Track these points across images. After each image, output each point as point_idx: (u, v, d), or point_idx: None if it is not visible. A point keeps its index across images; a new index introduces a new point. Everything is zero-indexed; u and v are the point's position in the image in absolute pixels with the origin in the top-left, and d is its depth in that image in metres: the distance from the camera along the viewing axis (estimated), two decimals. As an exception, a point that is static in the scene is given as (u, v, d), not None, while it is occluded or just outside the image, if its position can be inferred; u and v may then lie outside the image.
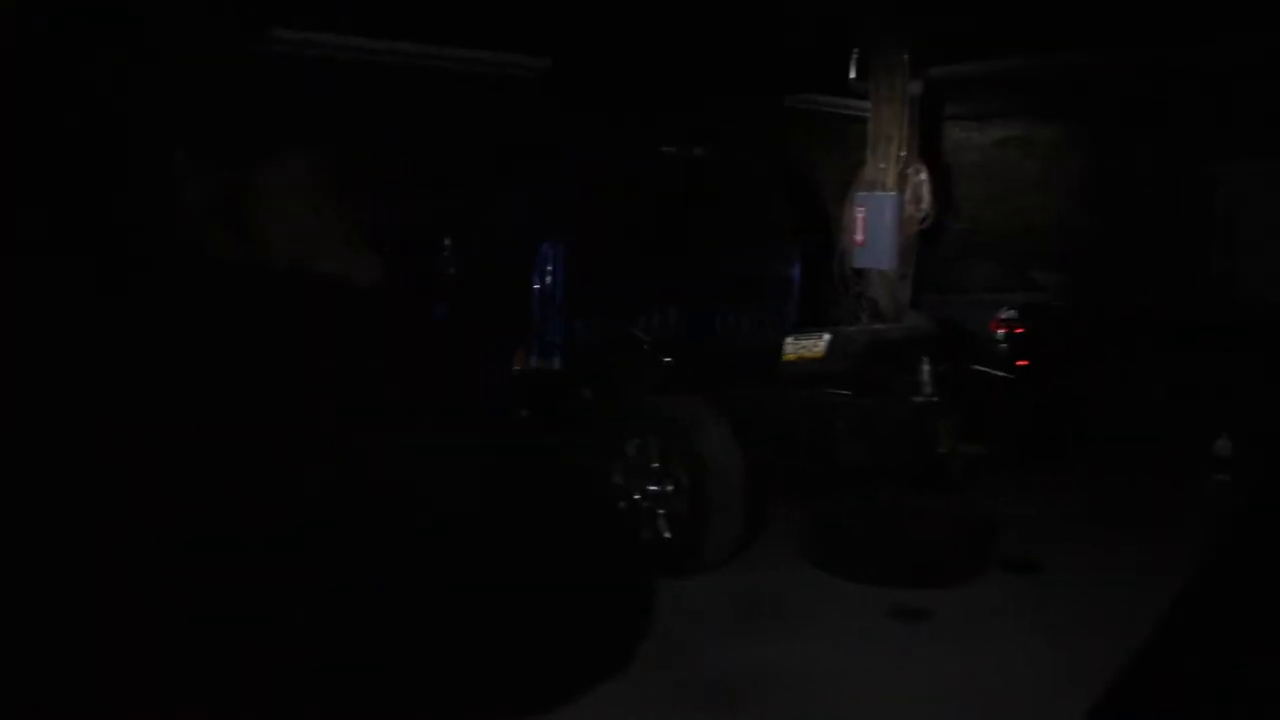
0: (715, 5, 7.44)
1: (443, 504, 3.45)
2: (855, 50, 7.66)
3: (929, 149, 7.86)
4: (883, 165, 7.52)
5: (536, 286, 5.66)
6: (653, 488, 4.94)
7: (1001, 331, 7.65)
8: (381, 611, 2.97)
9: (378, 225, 5.90)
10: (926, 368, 5.28)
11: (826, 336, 5.57)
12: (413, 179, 6.43)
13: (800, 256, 6.73)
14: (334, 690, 2.77)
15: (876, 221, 7.47)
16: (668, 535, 4.85)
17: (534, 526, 3.90)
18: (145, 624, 2.63)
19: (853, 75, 7.82)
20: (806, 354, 5.58)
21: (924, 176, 7.55)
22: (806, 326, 6.02)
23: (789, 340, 5.55)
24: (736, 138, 7.95)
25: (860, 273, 7.62)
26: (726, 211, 6.57)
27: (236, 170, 4.82)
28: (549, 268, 5.67)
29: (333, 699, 2.75)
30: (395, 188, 6.24)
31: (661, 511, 4.89)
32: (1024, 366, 7.31)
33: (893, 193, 7.45)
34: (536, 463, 5.03)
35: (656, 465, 4.92)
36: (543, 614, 3.33)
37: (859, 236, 7.53)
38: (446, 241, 5.90)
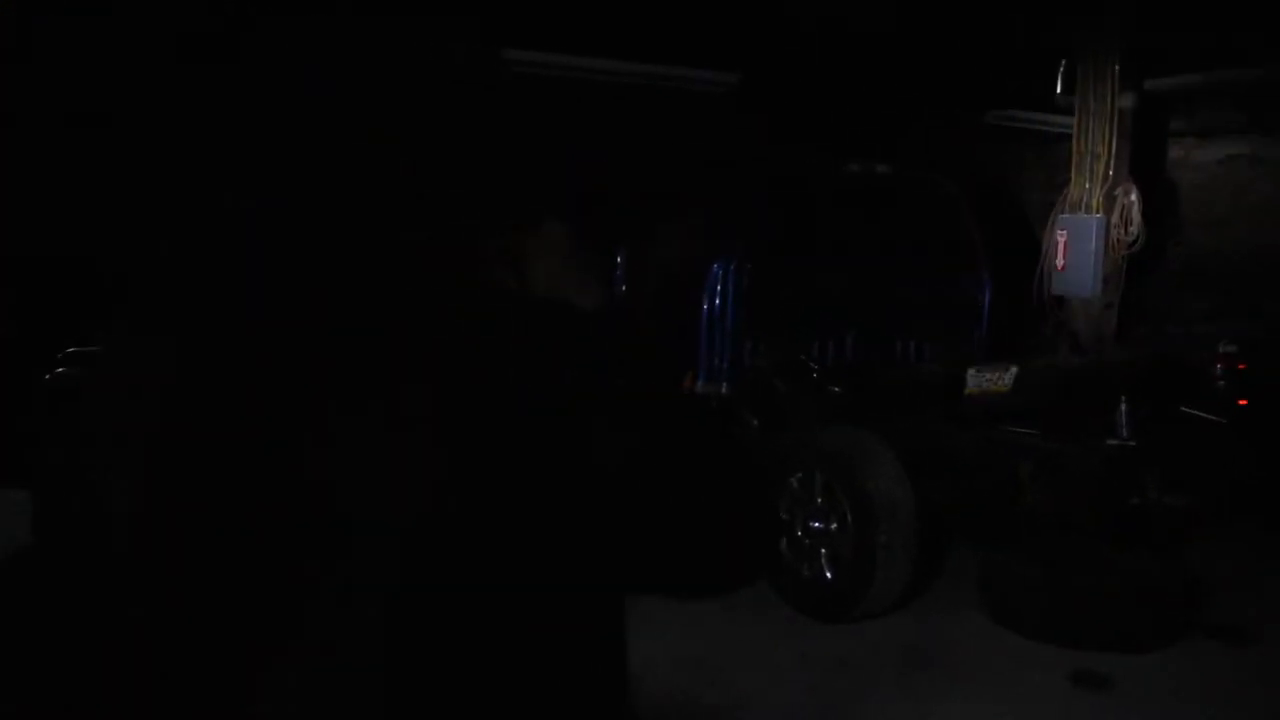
0: (912, 17, 7.11)
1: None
2: (1062, 63, 7.17)
3: (1142, 168, 7.25)
4: (1088, 185, 7.01)
5: (705, 307, 5.50)
6: (816, 525, 4.69)
7: (1220, 367, 6.98)
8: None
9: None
10: (1124, 408, 4.83)
11: (1013, 369, 5.19)
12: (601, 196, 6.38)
13: (991, 282, 6.32)
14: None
15: (1079, 245, 6.96)
16: (829, 575, 4.59)
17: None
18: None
19: (1059, 90, 7.33)
20: (991, 388, 5.21)
21: (1134, 198, 6.99)
22: (993, 357, 5.63)
23: (972, 372, 5.19)
24: (928, 155, 7.56)
25: (1061, 300, 7.12)
26: (910, 233, 6.23)
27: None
28: (719, 288, 5.50)
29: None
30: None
31: (824, 550, 4.63)
32: (1244, 407, 6.63)
33: (1098, 215, 6.93)
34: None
35: (820, 501, 4.67)
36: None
37: (1060, 261, 7.04)
38: (619, 259, 5.82)
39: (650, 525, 1.02)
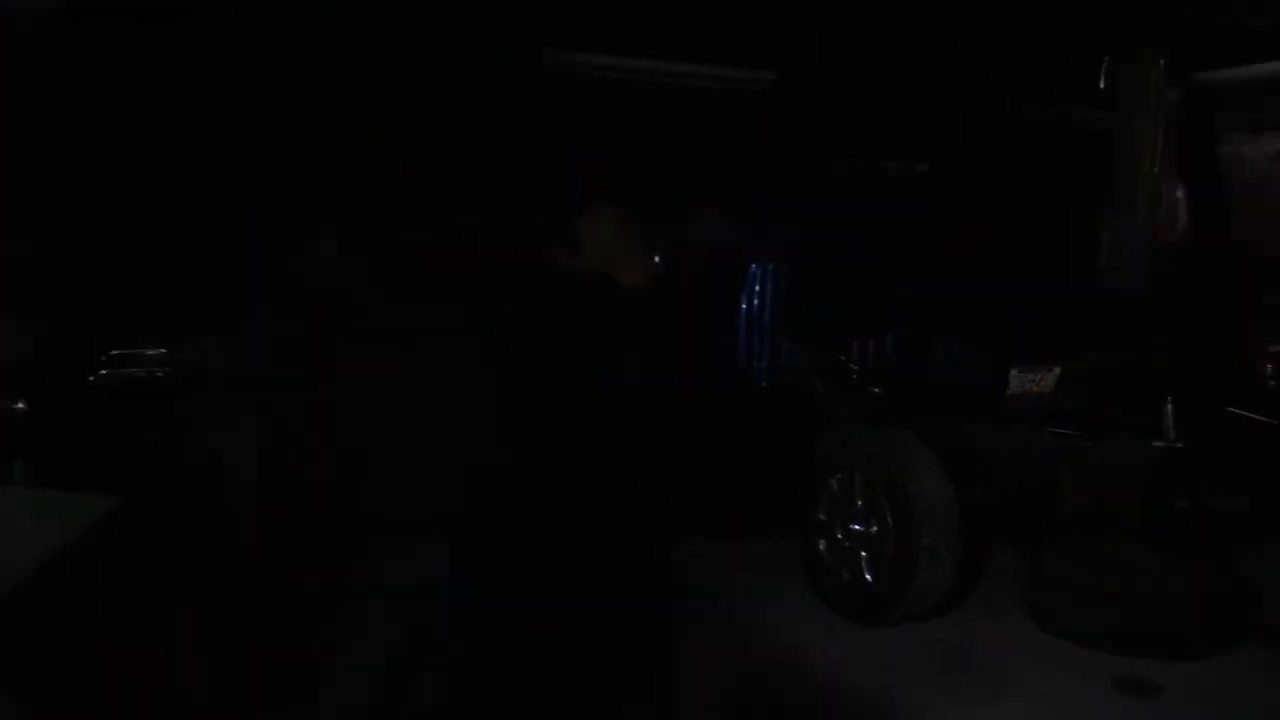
0: (952, 8, 7.03)
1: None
2: (1106, 56, 7.05)
3: (1190, 163, 7.10)
4: (1133, 181, 6.87)
5: (744, 307, 5.47)
6: (856, 527, 4.66)
7: (1271, 367, 6.82)
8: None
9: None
10: (1170, 408, 4.74)
11: (1056, 370, 5.12)
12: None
13: (1037, 281, 6.24)
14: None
15: (1126, 242, 6.83)
16: (869, 579, 4.54)
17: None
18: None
19: (1103, 84, 7.20)
20: (1034, 389, 5.14)
21: (1180, 194, 6.84)
22: (1039, 357, 5.55)
23: (1014, 373, 5.12)
24: (969, 151, 7.48)
25: (1111, 298, 6.99)
26: (951, 231, 6.17)
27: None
28: (757, 288, 5.47)
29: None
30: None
31: (864, 553, 4.58)
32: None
33: (1145, 210, 6.79)
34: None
35: (861, 503, 4.63)
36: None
37: (1105, 259, 6.91)
38: (655, 259, 5.80)
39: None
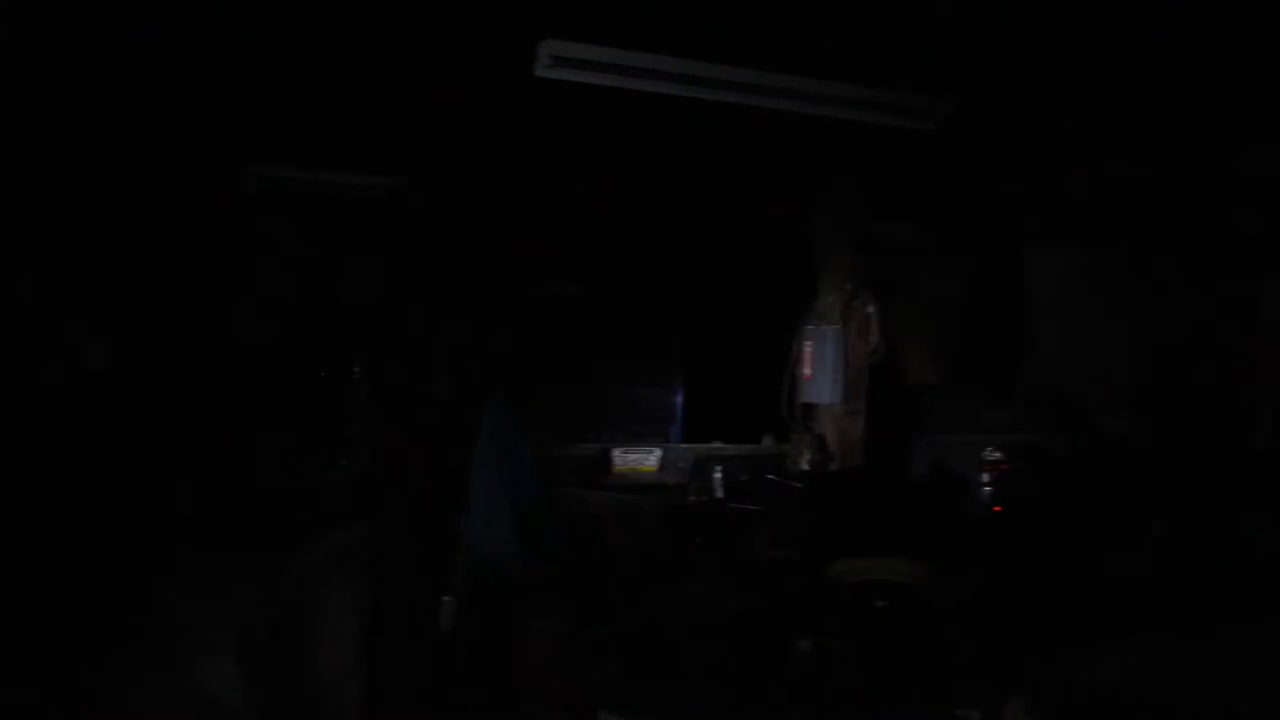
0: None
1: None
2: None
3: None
4: (830, 298, 7.41)
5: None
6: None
7: (987, 474, 7.12)
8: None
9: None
10: (718, 477, 5.26)
11: (658, 451, 5.66)
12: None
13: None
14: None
15: (822, 355, 7.32)
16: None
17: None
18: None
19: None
20: (639, 466, 5.65)
21: (872, 309, 7.36)
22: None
23: (618, 452, 5.67)
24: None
25: (810, 407, 7.43)
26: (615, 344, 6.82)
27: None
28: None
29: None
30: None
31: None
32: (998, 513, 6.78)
33: (837, 325, 7.30)
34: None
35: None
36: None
37: (806, 370, 7.39)
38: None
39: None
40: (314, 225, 6.64)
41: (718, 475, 5.70)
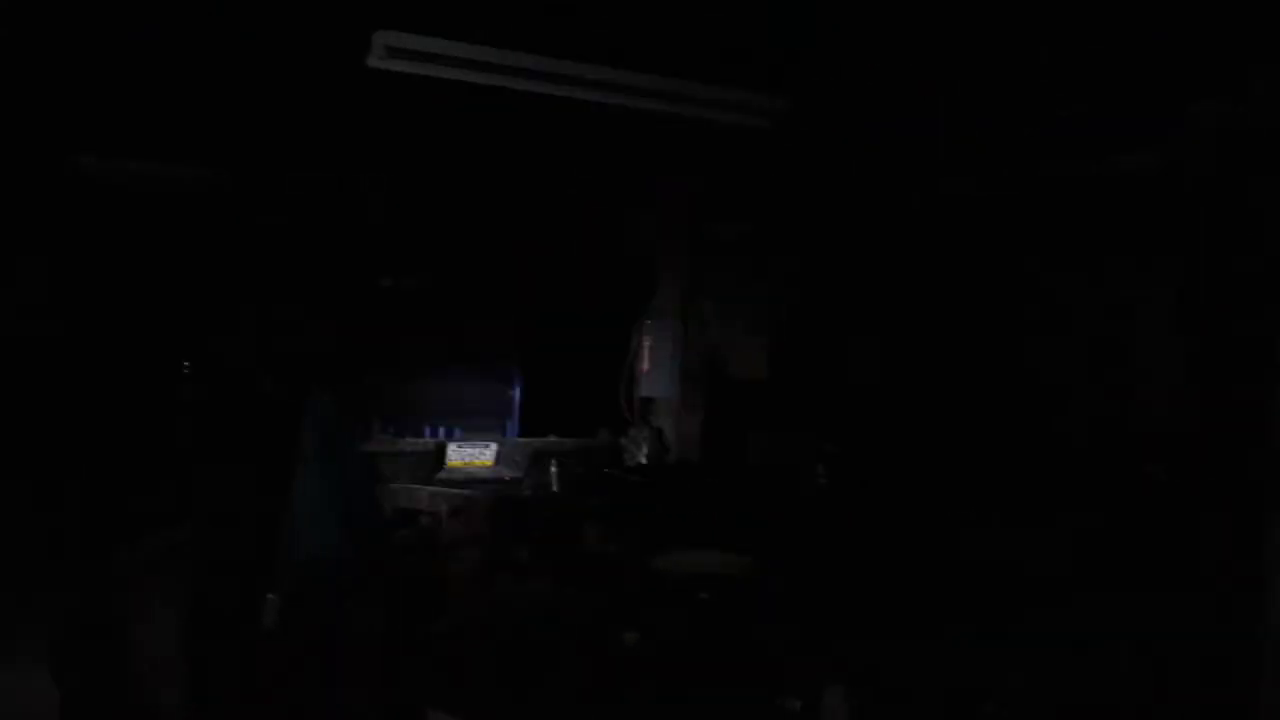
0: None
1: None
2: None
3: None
4: (668, 294, 7.51)
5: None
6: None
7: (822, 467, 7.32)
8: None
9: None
10: (555, 470, 5.30)
11: (494, 446, 5.65)
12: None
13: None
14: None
15: (660, 350, 7.42)
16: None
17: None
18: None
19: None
20: (475, 460, 5.63)
21: (709, 306, 7.49)
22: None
23: (453, 447, 5.64)
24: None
25: (648, 402, 7.53)
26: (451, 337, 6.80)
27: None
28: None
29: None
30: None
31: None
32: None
33: (676, 321, 7.41)
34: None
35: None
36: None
37: (645, 364, 7.48)
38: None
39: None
40: (138, 220, 6.37)
41: (554, 469, 5.80)
